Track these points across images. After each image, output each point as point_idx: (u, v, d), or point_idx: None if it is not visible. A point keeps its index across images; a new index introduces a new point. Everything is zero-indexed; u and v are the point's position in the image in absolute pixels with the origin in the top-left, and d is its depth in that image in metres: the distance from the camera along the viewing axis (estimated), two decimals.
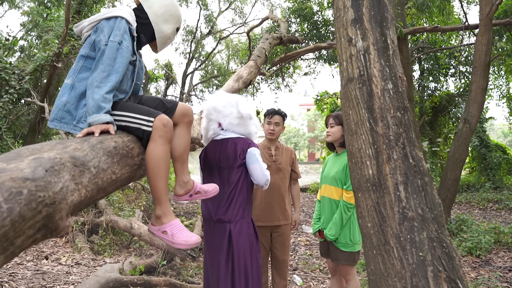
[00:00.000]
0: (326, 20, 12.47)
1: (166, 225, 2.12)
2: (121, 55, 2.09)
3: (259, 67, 5.59)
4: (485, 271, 5.26)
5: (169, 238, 2.11)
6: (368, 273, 1.84)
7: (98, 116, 1.94)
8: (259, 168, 2.89)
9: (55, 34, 10.72)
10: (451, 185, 7.00)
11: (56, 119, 2.08)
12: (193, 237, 2.12)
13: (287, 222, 3.91)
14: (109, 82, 2.01)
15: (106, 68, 2.02)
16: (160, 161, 2.04)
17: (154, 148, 2.04)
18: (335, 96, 15.83)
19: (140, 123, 2.06)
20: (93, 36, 2.15)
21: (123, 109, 2.12)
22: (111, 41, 2.07)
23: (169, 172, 2.13)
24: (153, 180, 2.07)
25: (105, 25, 2.12)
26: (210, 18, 20.94)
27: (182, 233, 2.11)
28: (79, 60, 2.16)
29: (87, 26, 2.20)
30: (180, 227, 2.14)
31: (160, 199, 2.11)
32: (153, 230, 2.18)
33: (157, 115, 2.08)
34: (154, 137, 2.04)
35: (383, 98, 1.85)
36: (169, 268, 5.40)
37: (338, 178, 3.48)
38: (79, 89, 2.10)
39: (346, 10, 2.01)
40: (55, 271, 5.13)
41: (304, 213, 10.61)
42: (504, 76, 15.05)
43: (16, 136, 10.25)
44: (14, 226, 1.07)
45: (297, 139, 58.59)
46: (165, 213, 2.13)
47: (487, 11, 6.93)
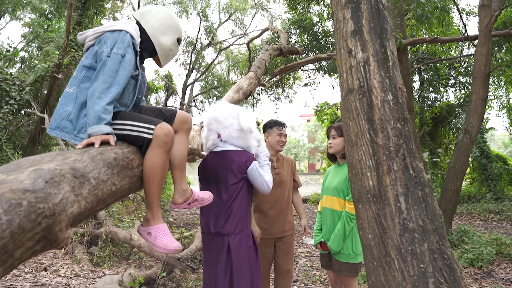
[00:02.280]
0: (326, 31, 12.53)
1: (152, 227, 2.15)
2: (123, 68, 2.10)
3: (259, 78, 5.61)
4: (487, 283, 5.22)
5: (151, 240, 2.14)
6: (369, 285, 1.83)
7: (98, 127, 1.95)
8: (261, 182, 2.93)
9: (55, 45, 10.75)
10: (452, 196, 6.97)
11: (58, 127, 2.09)
12: (174, 243, 2.13)
13: (290, 232, 3.90)
14: (109, 93, 2.02)
15: (108, 80, 2.03)
16: (156, 170, 2.06)
17: (153, 156, 2.05)
18: (335, 107, 15.84)
19: (141, 131, 2.08)
20: (96, 47, 2.17)
21: (124, 118, 2.13)
22: (114, 53, 2.08)
23: (164, 180, 2.16)
24: (147, 186, 2.09)
25: (108, 37, 2.14)
26: (210, 29, 21.08)
27: (164, 238, 2.13)
28: (81, 70, 2.18)
29: (91, 36, 2.22)
30: (165, 232, 2.16)
31: (152, 203, 2.14)
32: (140, 231, 2.22)
33: (158, 123, 2.09)
34: (153, 145, 2.06)
35: (383, 109, 1.85)
36: (169, 279, 5.37)
37: (340, 188, 3.46)
38: (81, 99, 2.11)
39: (346, 22, 2.02)
40: (54, 283, 5.10)
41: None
42: (504, 87, 15.08)
43: (16, 147, 10.24)
44: (13, 238, 1.07)
45: (297, 150, 58.53)
46: (154, 217, 2.16)
47: (486, 22, 6.97)
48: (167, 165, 2.17)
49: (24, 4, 18.79)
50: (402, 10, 7.92)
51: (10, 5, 19.12)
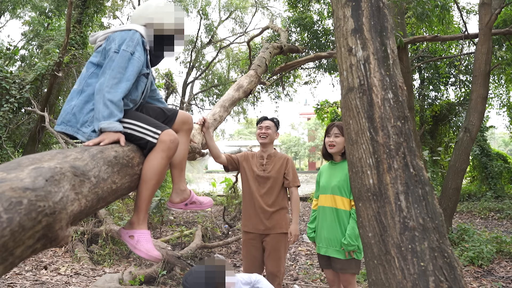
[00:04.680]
0: (326, 30, 12.53)
1: (136, 231, 2.12)
2: (132, 64, 2.10)
3: (259, 77, 5.60)
4: (487, 281, 5.23)
5: (133, 243, 2.10)
6: (369, 283, 1.83)
7: (112, 123, 1.96)
8: None
9: (56, 44, 10.74)
10: (452, 194, 6.98)
11: (63, 122, 2.10)
12: (156, 252, 2.10)
13: (275, 231, 3.82)
14: (119, 88, 2.02)
15: (117, 75, 2.03)
16: (155, 174, 2.06)
17: (154, 159, 2.06)
18: (336, 105, 15.85)
19: (147, 133, 2.08)
20: (104, 45, 2.18)
21: (131, 117, 2.13)
22: (123, 50, 2.09)
23: (159, 186, 2.15)
24: (141, 188, 2.07)
25: (117, 35, 2.16)
26: (210, 27, 21.03)
27: (147, 244, 2.10)
28: (90, 67, 2.19)
29: (101, 36, 2.24)
30: (148, 238, 2.13)
31: (140, 207, 2.11)
32: (121, 233, 2.17)
33: (165, 129, 2.10)
34: (157, 149, 2.06)
35: (383, 108, 1.85)
36: (169, 278, 5.37)
37: (343, 187, 3.45)
38: (86, 93, 2.11)
39: (346, 20, 2.02)
40: (54, 281, 5.10)
41: (305, 223, 10.57)
42: (504, 85, 15.08)
43: (16, 145, 10.24)
44: (13, 236, 1.07)
45: (297, 148, 58.53)
46: (139, 221, 2.13)
47: (486, 20, 6.96)
48: (166, 171, 2.17)
49: (24, 2, 18.75)
50: (402, 8, 7.91)
51: (11, 3, 19.09)
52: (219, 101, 4.52)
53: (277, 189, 3.88)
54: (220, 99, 4.57)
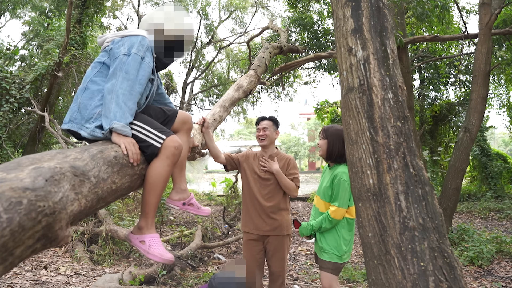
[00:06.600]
0: (326, 30, 12.53)
1: (146, 236, 2.15)
2: (143, 69, 2.13)
3: (259, 77, 5.59)
4: (487, 281, 5.23)
5: (145, 248, 2.13)
6: (369, 283, 1.83)
7: (125, 127, 1.99)
8: None
9: (55, 44, 10.75)
10: (452, 194, 6.98)
11: (70, 120, 2.12)
12: (168, 254, 2.14)
13: (277, 233, 3.80)
14: (133, 91, 2.05)
15: (130, 77, 2.05)
16: (160, 181, 2.08)
17: (159, 166, 2.07)
18: (336, 105, 15.84)
19: (151, 137, 2.09)
20: (111, 46, 2.19)
21: (137, 119, 2.14)
22: (134, 54, 2.10)
23: (163, 191, 2.17)
24: (147, 194, 2.10)
25: (126, 40, 2.17)
26: (210, 27, 21.06)
27: (159, 247, 2.13)
28: (96, 65, 2.21)
29: (109, 38, 2.26)
30: (159, 242, 2.16)
31: (148, 212, 2.14)
32: (131, 238, 2.20)
33: (170, 135, 2.11)
34: (162, 156, 2.07)
35: (383, 108, 1.85)
36: (169, 278, 5.37)
37: (326, 192, 3.48)
38: (90, 90, 2.13)
39: (346, 20, 2.02)
40: (54, 281, 5.10)
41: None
42: (504, 85, 15.08)
43: (16, 145, 10.25)
44: (13, 236, 1.07)
45: (297, 148, 58.52)
46: (147, 226, 2.16)
47: (486, 20, 6.96)
48: (169, 177, 2.20)
49: (24, 2, 18.77)
50: (402, 9, 7.92)
51: (11, 3, 19.11)
52: (219, 101, 4.50)
53: (278, 190, 3.84)
54: (220, 99, 4.56)
